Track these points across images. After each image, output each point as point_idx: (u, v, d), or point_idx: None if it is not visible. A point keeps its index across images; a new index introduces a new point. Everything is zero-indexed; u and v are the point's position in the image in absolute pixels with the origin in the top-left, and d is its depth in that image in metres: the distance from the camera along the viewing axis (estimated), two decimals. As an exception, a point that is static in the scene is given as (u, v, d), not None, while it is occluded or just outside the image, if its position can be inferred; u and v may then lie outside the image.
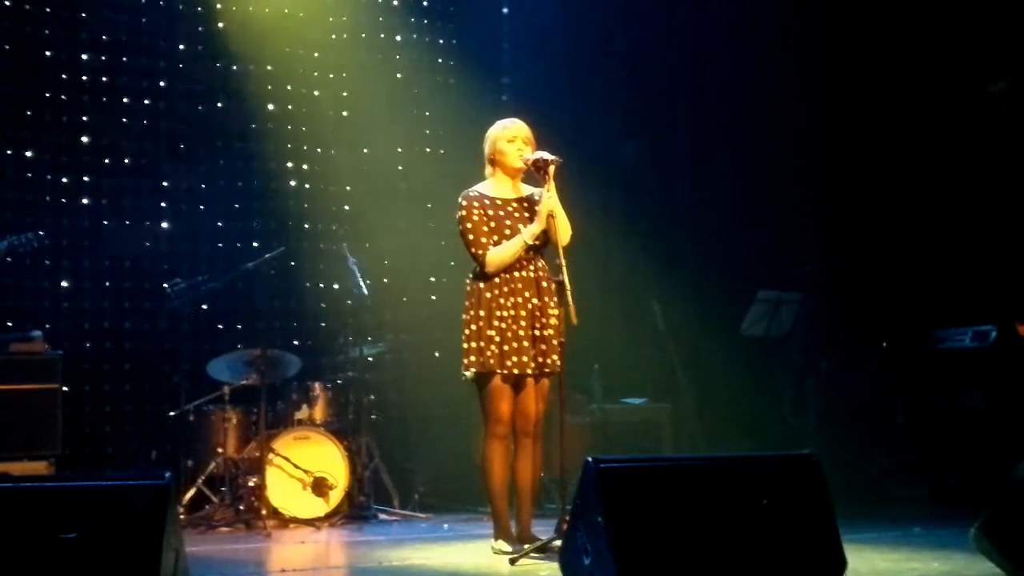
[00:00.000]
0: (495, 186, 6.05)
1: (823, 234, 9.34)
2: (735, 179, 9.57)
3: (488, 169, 6.11)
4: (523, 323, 5.87)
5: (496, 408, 5.86)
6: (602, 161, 9.79)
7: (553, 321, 5.87)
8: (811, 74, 9.30)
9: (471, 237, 5.91)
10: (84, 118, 8.95)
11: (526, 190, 6.10)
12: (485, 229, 5.91)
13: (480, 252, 5.89)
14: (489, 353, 5.83)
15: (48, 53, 8.87)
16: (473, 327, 5.88)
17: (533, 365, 5.87)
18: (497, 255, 5.87)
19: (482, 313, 5.87)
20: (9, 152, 8.70)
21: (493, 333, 5.84)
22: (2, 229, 7.91)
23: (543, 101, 9.42)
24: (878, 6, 8.93)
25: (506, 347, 5.83)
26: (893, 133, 9.00)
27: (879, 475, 8.47)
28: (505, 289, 5.89)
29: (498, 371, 5.83)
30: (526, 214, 5.99)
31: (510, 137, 6.02)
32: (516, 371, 5.84)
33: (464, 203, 5.97)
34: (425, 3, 10.21)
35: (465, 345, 5.90)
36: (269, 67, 9.49)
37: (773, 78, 9.37)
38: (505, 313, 5.86)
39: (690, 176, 10.00)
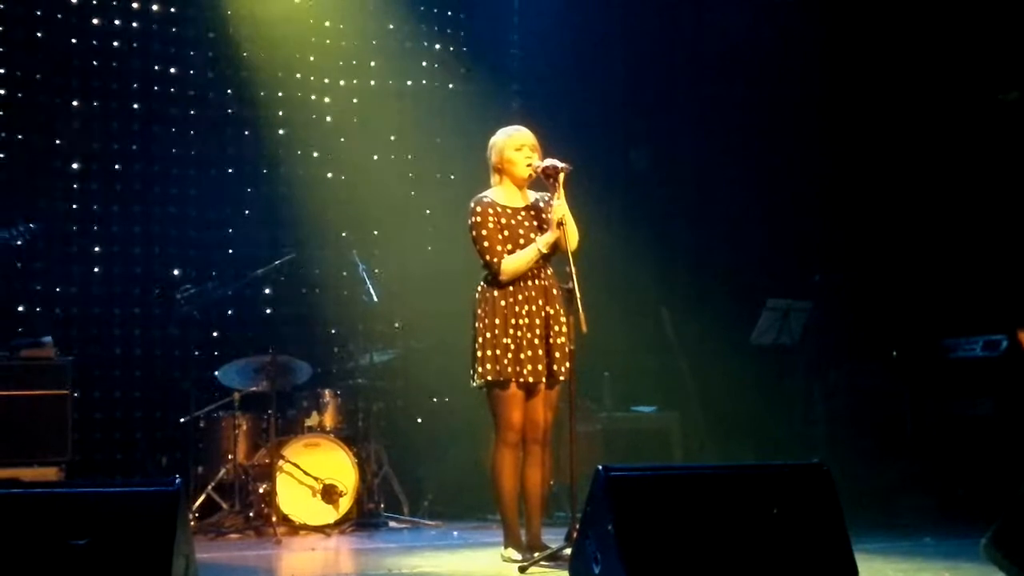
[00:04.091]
0: (504, 194, 6.03)
1: (833, 243, 9.32)
2: (744, 187, 9.56)
3: (495, 177, 6.09)
4: (538, 331, 5.86)
5: (508, 416, 5.85)
6: (611, 168, 9.80)
7: (565, 329, 5.87)
8: (819, 82, 9.29)
9: (486, 244, 5.89)
10: (95, 124, 8.97)
11: (532, 196, 6.10)
12: (500, 237, 5.89)
13: (495, 260, 5.87)
14: (507, 361, 5.81)
15: (57, 58, 8.89)
16: (488, 335, 5.86)
17: (547, 373, 5.86)
18: (512, 263, 5.86)
19: (497, 321, 5.85)
20: (21, 155, 8.71)
21: (508, 341, 5.82)
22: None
23: (553, 108, 9.43)
24: (888, 13, 8.92)
25: (522, 355, 5.82)
26: (904, 141, 8.99)
27: (888, 484, 8.44)
28: (520, 297, 5.88)
29: (514, 379, 5.82)
30: (535, 222, 5.98)
31: (517, 145, 6.01)
32: (532, 379, 5.83)
33: (479, 209, 5.95)
34: (435, 10, 10.20)
35: (480, 353, 5.87)
36: (279, 73, 9.51)
37: (781, 86, 9.37)
38: (521, 321, 5.85)
39: (699, 184, 9.99)
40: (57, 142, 8.83)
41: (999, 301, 8.06)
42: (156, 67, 9.19)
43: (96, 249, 8.91)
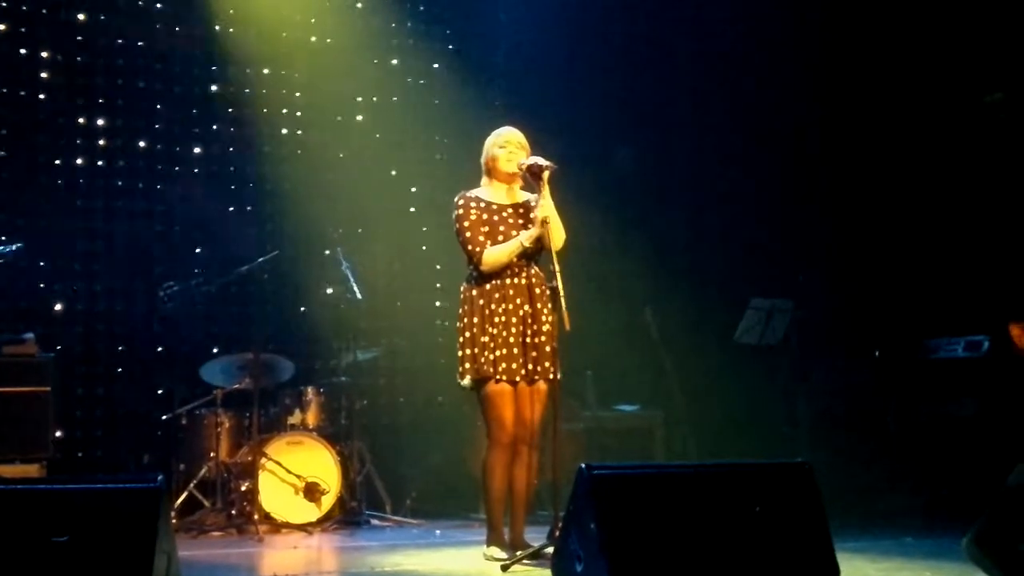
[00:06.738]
0: (490, 191, 6.07)
1: (817, 243, 9.34)
2: (729, 187, 9.57)
3: (484, 178, 6.12)
4: (514, 329, 5.87)
5: (499, 415, 5.86)
6: (597, 167, 9.78)
7: (546, 328, 5.88)
8: (808, 83, 9.31)
9: (468, 235, 5.92)
10: (79, 120, 8.93)
11: (522, 196, 6.11)
12: (482, 229, 5.92)
13: (476, 249, 5.89)
14: (483, 360, 5.83)
15: (44, 55, 8.86)
16: (468, 334, 5.89)
17: (525, 371, 5.87)
18: (493, 254, 5.88)
19: (476, 320, 5.88)
20: (2, 154, 8.68)
21: (487, 340, 5.84)
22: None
23: (539, 106, 9.41)
24: (877, 16, 8.94)
25: (499, 352, 5.84)
26: (889, 142, 9.02)
27: (871, 484, 8.46)
28: (497, 295, 5.90)
29: (494, 377, 5.83)
30: (520, 220, 5.99)
31: (502, 143, 6.04)
32: (506, 377, 5.84)
33: (461, 202, 5.98)
34: (422, 8, 10.20)
35: (460, 352, 5.90)
36: (265, 70, 9.49)
37: (769, 85, 9.38)
38: (497, 319, 5.87)
39: (685, 183, 9.99)
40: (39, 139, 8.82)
41: (981, 302, 8.09)
42: (141, 63, 9.16)
43: (78, 246, 8.87)
